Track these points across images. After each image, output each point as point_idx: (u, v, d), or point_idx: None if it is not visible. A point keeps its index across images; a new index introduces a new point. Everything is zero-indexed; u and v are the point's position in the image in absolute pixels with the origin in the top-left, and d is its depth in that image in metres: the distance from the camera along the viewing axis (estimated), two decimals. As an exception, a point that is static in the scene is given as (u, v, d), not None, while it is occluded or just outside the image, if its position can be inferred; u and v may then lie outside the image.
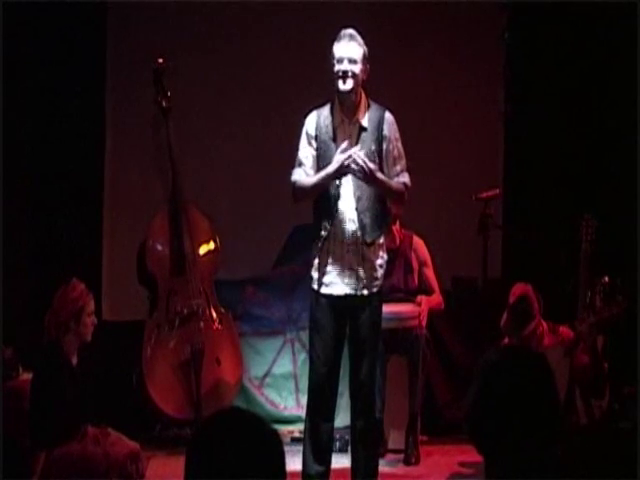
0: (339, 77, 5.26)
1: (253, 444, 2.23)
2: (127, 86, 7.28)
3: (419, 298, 6.70)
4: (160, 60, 6.87)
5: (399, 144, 5.41)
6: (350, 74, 5.25)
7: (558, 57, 7.65)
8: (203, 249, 7.02)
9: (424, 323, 6.63)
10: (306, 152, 5.37)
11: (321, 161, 5.34)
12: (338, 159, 5.21)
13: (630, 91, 7.13)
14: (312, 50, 5.72)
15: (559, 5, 7.42)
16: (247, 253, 7.43)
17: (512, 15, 7.66)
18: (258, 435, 2.26)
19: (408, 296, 6.75)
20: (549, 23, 7.63)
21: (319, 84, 5.64)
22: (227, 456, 2.21)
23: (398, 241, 6.75)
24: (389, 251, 5.71)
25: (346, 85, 5.27)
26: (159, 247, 6.95)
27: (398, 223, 6.76)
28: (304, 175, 5.34)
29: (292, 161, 5.42)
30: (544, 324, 6.43)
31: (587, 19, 7.54)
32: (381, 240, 5.40)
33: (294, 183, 5.37)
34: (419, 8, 7.57)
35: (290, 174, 5.39)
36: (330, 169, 5.23)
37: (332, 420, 5.43)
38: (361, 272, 5.31)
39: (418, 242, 6.88)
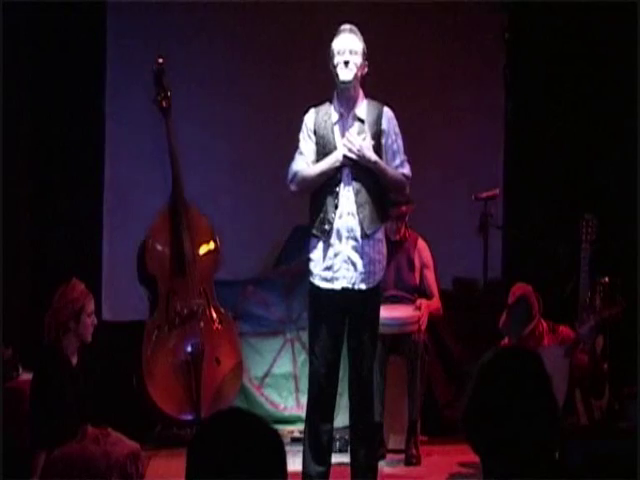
0: (340, 67, 5.27)
1: (254, 445, 2.23)
2: (127, 86, 7.27)
3: (419, 302, 6.69)
4: (160, 60, 6.88)
5: (399, 139, 5.42)
6: (352, 64, 5.26)
7: (558, 57, 7.65)
8: (203, 249, 7.03)
9: (424, 327, 6.63)
10: (307, 145, 5.39)
11: (320, 156, 5.35)
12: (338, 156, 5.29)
13: (630, 91, 7.12)
14: (313, 49, 5.73)
15: (559, 5, 7.42)
16: (247, 253, 7.42)
17: (512, 15, 7.66)
18: (259, 436, 2.25)
19: (408, 295, 6.75)
20: (549, 23, 7.63)
21: (320, 83, 5.64)
22: (228, 456, 2.20)
23: (400, 235, 6.75)
24: (389, 242, 5.72)
25: (347, 74, 5.27)
26: (159, 247, 6.95)
27: (404, 222, 6.77)
28: (305, 165, 5.36)
29: (296, 146, 5.44)
30: (544, 324, 6.43)
31: (587, 19, 7.54)
32: (380, 235, 5.40)
33: (296, 172, 5.38)
34: (419, 8, 7.56)
35: (289, 165, 5.41)
36: (334, 156, 5.26)
37: (332, 420, 5.43)
38: (359, 266, 5.31)
39: (422, 244, 6.89)
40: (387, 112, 5.42)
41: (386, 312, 5.93)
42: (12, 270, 6.70)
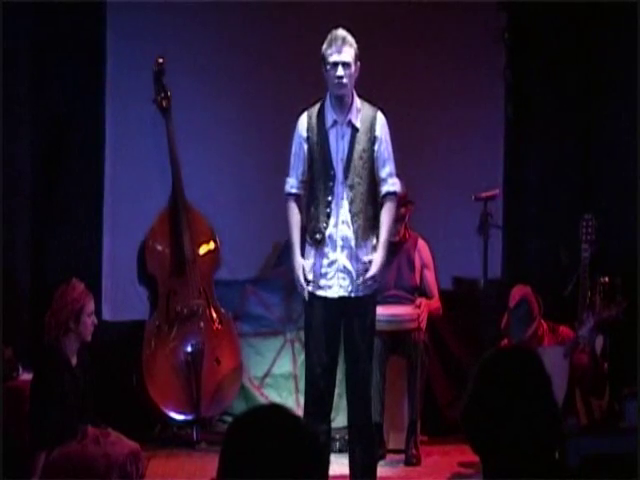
0: (335, 83, 5.28)
1: (295, 445, 2.17)
2: (127, 86, 7.27)
3: (419, 301, 6.69)
4: (160, 60, 6.89)
5: (389, 146, 5.42)
6: (345, 79, 5.27)
7: (558, 57, 7.65)
8: (203, 249, 7.03)
9: (423, 326, 6.63)
10: (296, 160, 5.43)
11: (314, 162, 5.38)
12: (300, 284, 5.36)
13: (630, 91, 7.12)
14: (312, 49, 5.72)
15: (559, 5, 7.42)
16: (247, 253, 7.42)
17: (512, 15, 7.66)
18: (301, 435, 2.19)
19: (408, 294, 6.75)
20: (549, 23, 7.63)
21: (320, 83, 5.64)
22: (265, 455, 2.14)
23: (400, 236, 6.75)
24: (389, 243, 5.72)
25: (342, 90, 5.31)
26: (159, 247, 6.96)
27: (404, 223, 6.77)
28: (295, 186, 5.41)
29: (289, 159, 5.46)
30: (544, 324, 6.43)
31: (587, 19, 7.54)
32: (374, 242, 5.41)
33: (286, 199, 5.46)
34: (419, 8, 7.56)
35: (284, 181, 5.48)
36: (295, 271, 5.37)
37: (329, 421, 5.44)
38: (354, 274, 5.33)
39: (423, 244, 6.89)
40: (380, 118, 5.41)
41: (385, 310, 5.94)
42: (12, 270, 6.70)
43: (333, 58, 5.28)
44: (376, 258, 5.33)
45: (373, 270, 5.30)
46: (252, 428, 2.20)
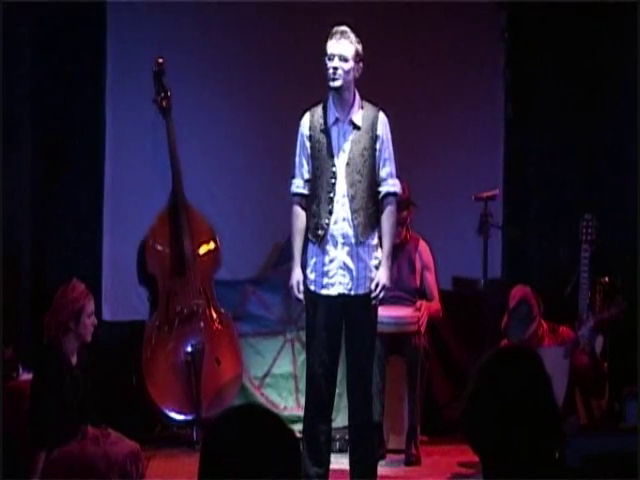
0: (329, 73, 5.29)
1: (270, 443, 2.20)
2: (127, 86, 7.27)
3: (419, 303, 6.68)
4: (160, 60, 6.89)
5: (390, 146, 5.43)
6: (340, 71, 5.26)
7: (558, 57, 7.65)
8: (203, 249, 7.03)
9: (423, 329, 6.62)
10: (300, 159, 5.44)
11: (316, 160, 5.37)
12: (295, 296, 5.43)
13: (630, 91, 7.13)
14: (313, 50, 5.73)
15: (559, 5, 7.43)
16: (247, 253, 7.42)
17: (512, 15, 7.66)
18: (275, 433, 2.22)
19: (408, 296, 6.74)
20: (549, 23, 7.63)
21: (321, 84, 5.64)
22: (242, 455, 2.17)
23: (401, 238, 6.74)
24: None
25: (335, 82, 5.29)
26: (159, 247, 6.95)
27: (405, 225, 6.77)
28: (301, 188, 5.41)
29: (293, 160, 5.47)
30: (544, 325, 6.44)
31: (587, 19, 7.54)
32: (375, 240, 5.41)
33: (292, 200, 5.47)
34: (419, 8, 7.56)
35: (290, 182, 5.49)
36: (290, 280, 5.42)
37: (330, 421, 5.44)
38: (355, 272, 5.34)
39: (424, 246, 6.88)
40: (382, 117, 5.42)
41: (385, 311, 5.93)
42: (12, 270, 6.70)
43: (330, 50, 5.30)
44: (382, 276, 5.35)
45: (380, 287, 5.33)
46: (229, 428, 2.22)
